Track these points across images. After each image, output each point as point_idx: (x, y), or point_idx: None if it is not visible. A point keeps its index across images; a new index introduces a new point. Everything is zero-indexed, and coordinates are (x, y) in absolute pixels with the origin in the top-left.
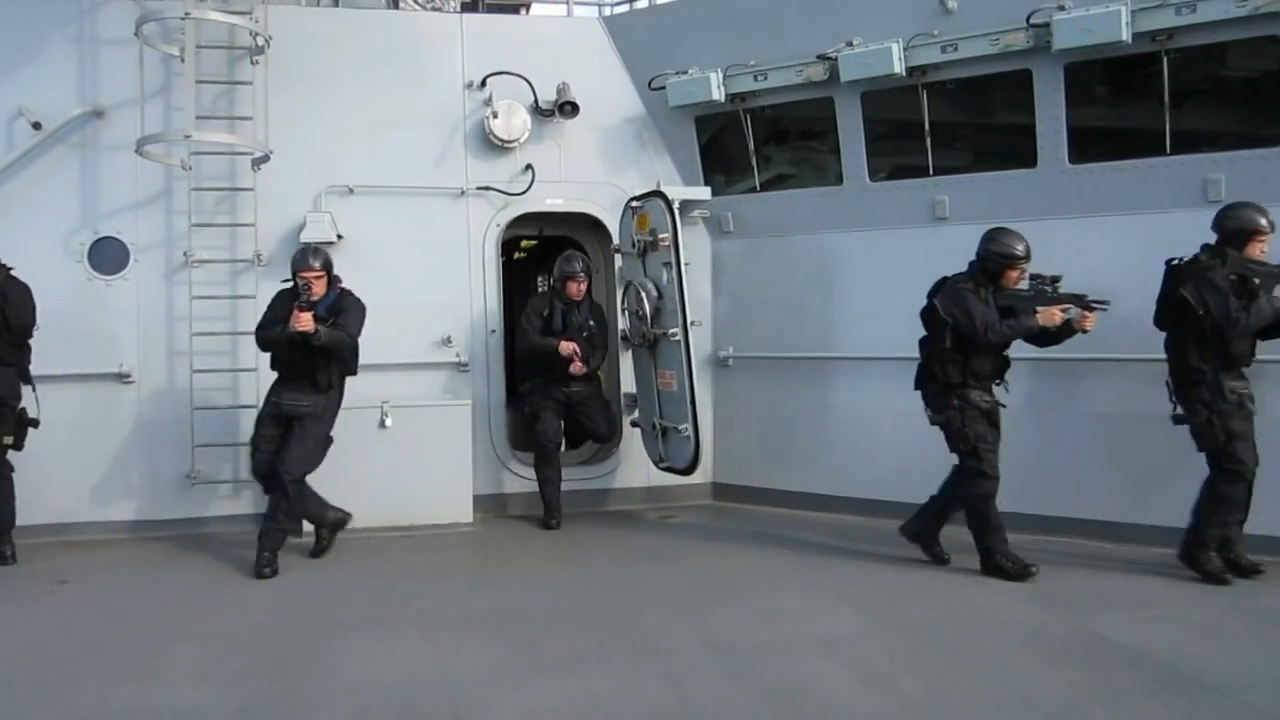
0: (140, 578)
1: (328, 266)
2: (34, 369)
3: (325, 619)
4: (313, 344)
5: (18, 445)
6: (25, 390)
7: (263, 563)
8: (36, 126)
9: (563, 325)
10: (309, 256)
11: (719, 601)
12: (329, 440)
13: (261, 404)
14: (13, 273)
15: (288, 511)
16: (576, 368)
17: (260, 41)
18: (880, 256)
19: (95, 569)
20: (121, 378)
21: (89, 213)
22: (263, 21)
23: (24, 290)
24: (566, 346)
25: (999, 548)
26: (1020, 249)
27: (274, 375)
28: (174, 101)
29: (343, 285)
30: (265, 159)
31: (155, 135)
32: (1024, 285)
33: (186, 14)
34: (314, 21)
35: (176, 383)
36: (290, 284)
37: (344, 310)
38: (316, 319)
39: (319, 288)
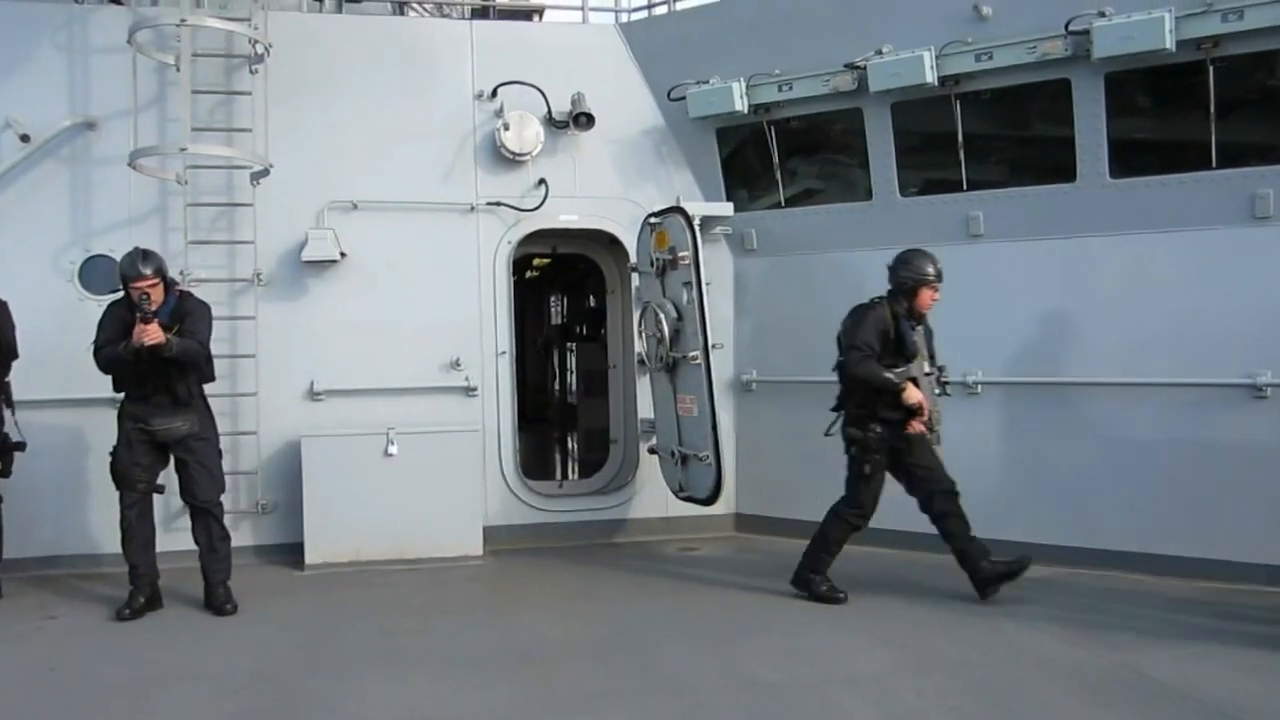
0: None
1: (161, 272)
2: (20, 394)
3: (328, 656)
4: (164, 355)
5: (5, 472)
6: (5, 414)
7: (225, 598)
8: (25, 139)
9: (905, 351)
10: (139, 263)
11: (743, 637)
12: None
13: (120, 423)
14: None
15: (225, 537)
16: (916, 427)
17: (259, 49)
18: None
19: (84, 603)
20: (113, 403)
21: (80, 230)
22: (262, 28)
23: (4, 308)
24: (913, 395)
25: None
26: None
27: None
28: (169, 113)
29: (181, 288)
30: (265, 173)
31: (149, 148)
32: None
33: (182, 20)
34: (316, 28)
35: None
36: (121, 295)
37: (188, 314)
38: (163, 328)
39: (157, 295)
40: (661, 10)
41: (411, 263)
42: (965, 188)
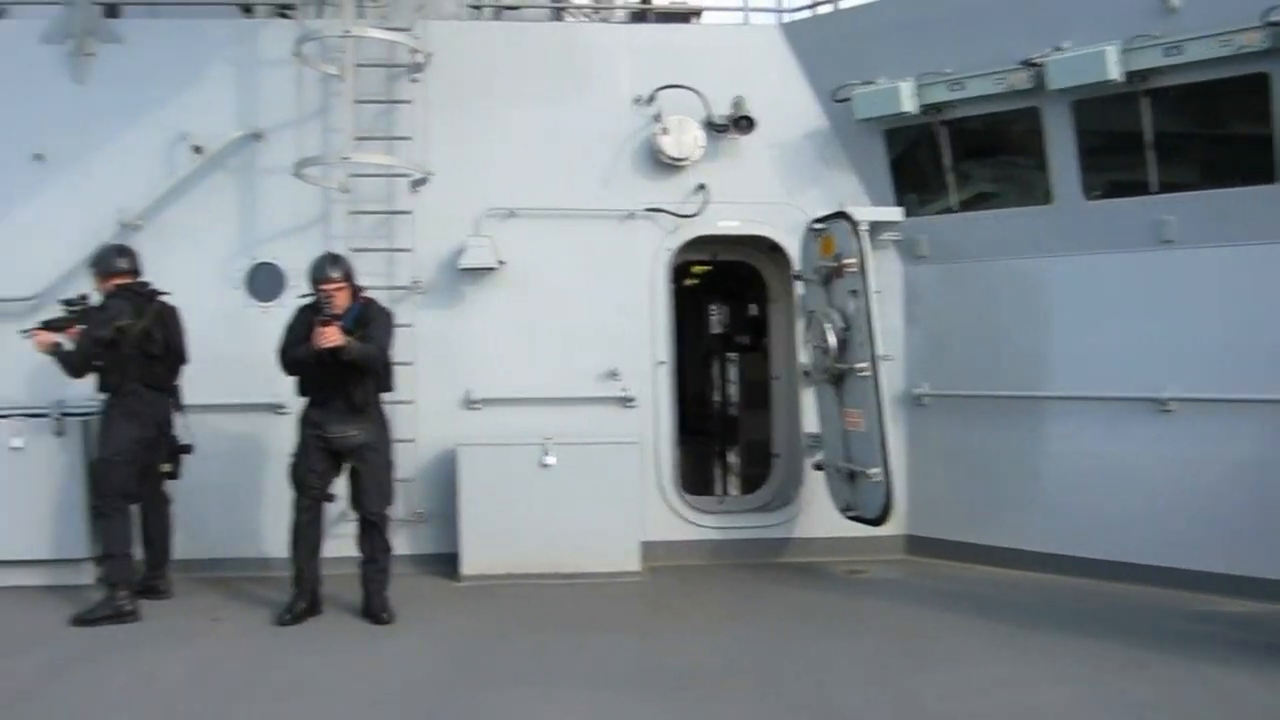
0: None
1: (348, 276)
2: (189, 397)
3: (480, 671)
4: (342, 359)
5: (174, 474)
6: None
7: (382, 607)
8: (197, 150)
9: None
10: (328, 267)
11: (916, 669)
12: (392, 465)
13: (299, 429)
14: (166, 298)
15: (386, 549)
16: None
17: (420, 58)
18: (1096, 283)
19: (249, 606)
20: (275, 409)
21: (247, 238)
22: (423, 38)
23: (178, 315)
24: None
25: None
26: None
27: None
28: (332, 122)
29: (367, 295)
30: (424, 180)
31: (313, 158)
32: None
33: (346, 31)
34: (475, 36)
35: None
36: (310, 298)
37: (371, 321)
38: (345, 332)
39: (341, 300)
40: (826, 9)
41: (569, 270)
42: (1155, 190)
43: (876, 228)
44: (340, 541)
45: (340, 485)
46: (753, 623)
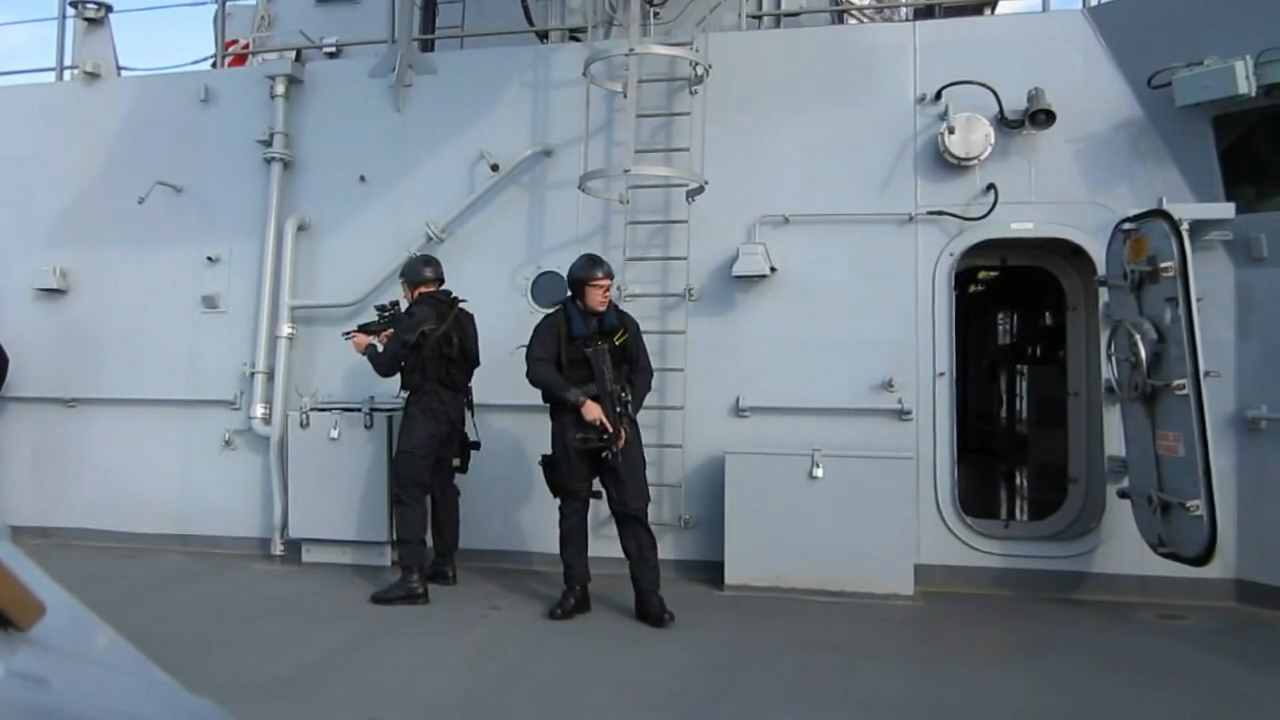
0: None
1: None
2: (479, 398)
3: (744, 684)
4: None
5: (463, 468)
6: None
7: (661, 608)
8: (494, 168)
9: None
10: (596, 266)
11: None
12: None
13: (558, 432)
14: (464, 305)
15: (653, 545)
16: None
17: (700, 71)
18: None
19: (525, 598)
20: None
21: (534, 248)
22: (703, 51)
23: (474, 321)
24: None
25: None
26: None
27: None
28: (615, 137)
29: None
30: (700, 190)
31: (597, 171)
32: None
33: (631, 50)
34: (754, 45)
35: None
36: (556, 307)
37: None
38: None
39: (605, 299)
40: None
41: (843, 277)
42: None
43: (1200, 227)
44: (607, 542)
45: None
46: (1044, 664)
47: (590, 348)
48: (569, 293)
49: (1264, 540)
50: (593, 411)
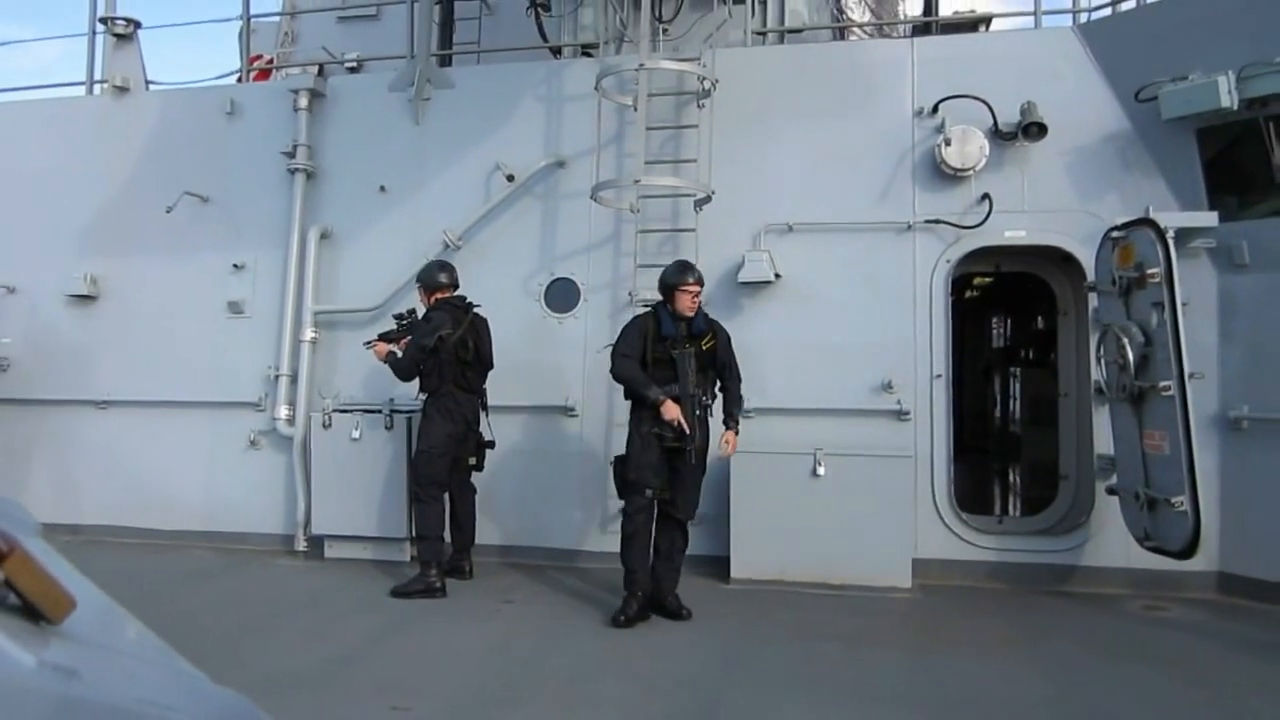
0: (577, 606)
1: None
2: (493, 399)
3: (750, 673)
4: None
5: (479, 466)
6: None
7: (677, 605)
8: (509, 179)
9: None
10: (687, 272)
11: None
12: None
13: (635, 427)
14: (478, 310)
15: (683, 550)
16: None
17: (707, 85)
18: None
19: (537, 592)
20: (567, 410)
21: (547, 255)
22: (710, 66)
23: (488, 325)
24: None
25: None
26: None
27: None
28: (625, 149)
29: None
30: (707, 199)
31: (608, 181)
32: None
33: (641, 65)
34: (759, 60)
35: (616, 418)
36: (647, 308)
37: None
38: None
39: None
40: (1128, 6)
41: (844, 283)
42: None
43: (1184, 235)
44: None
45: None
46: (1036, 652)
47: (676, 349)
48: (660, 297)
49: (1245, 534)
50: (671, 411)
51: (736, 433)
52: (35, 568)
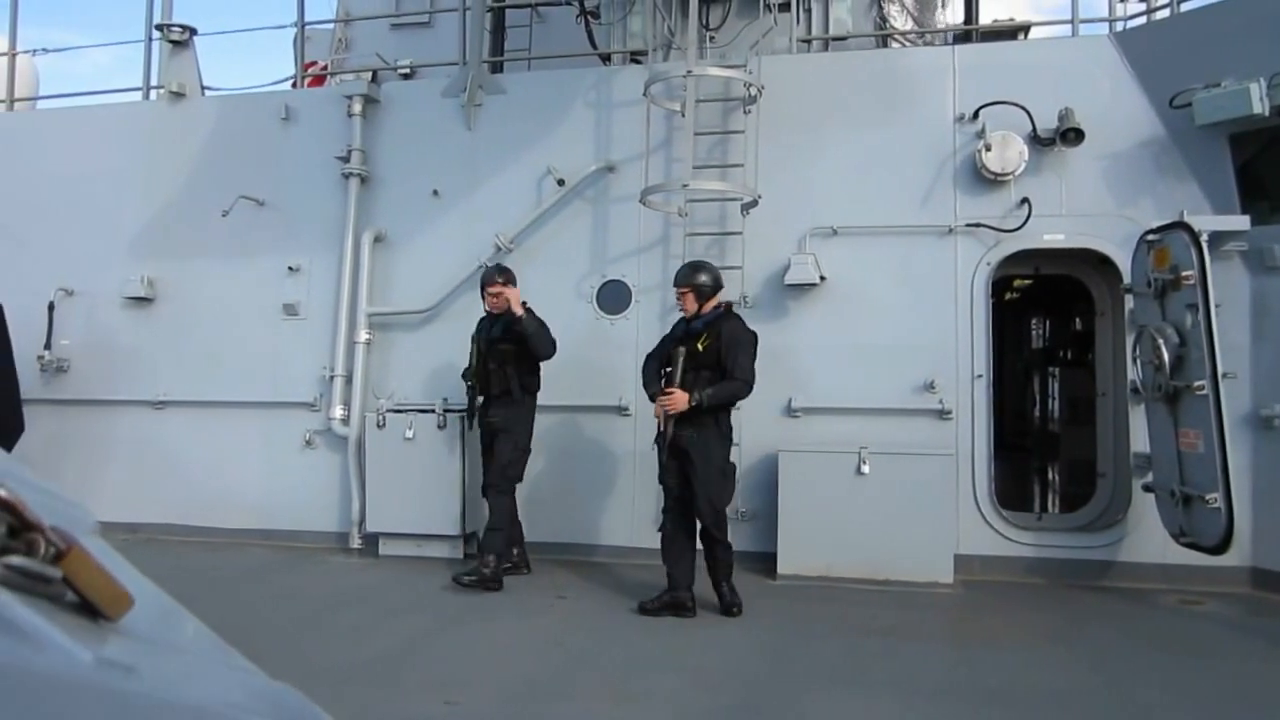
0: (629, 601)
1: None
2: (545, 399)
3: (796, 667)
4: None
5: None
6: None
7: (723, 599)
8: (560, 183)
9: None
10: (678, 275)
11: (1253, 710)
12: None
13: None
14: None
15: (723, 544)
16: None
17: (753, 92)
18: None
19: (590, 589)
20: (620, 410)
21: (598, 258)
22: (756, 72)
23: None
24: None
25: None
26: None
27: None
28: (674, 153)
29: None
30: (754, 203)
31: (657, 186)
32: None
33: (689, 72)
34: (805, 68)
35: None
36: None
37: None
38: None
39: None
40: (1162, 14)
41: (888, 285)
42: None
43: (1218, 238)
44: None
45: None
46: (1075, 645)
47: (675, 349)
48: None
49: (1277, 530)
50: (656, 409)
51: (692, 403)
52: (93, 565)
